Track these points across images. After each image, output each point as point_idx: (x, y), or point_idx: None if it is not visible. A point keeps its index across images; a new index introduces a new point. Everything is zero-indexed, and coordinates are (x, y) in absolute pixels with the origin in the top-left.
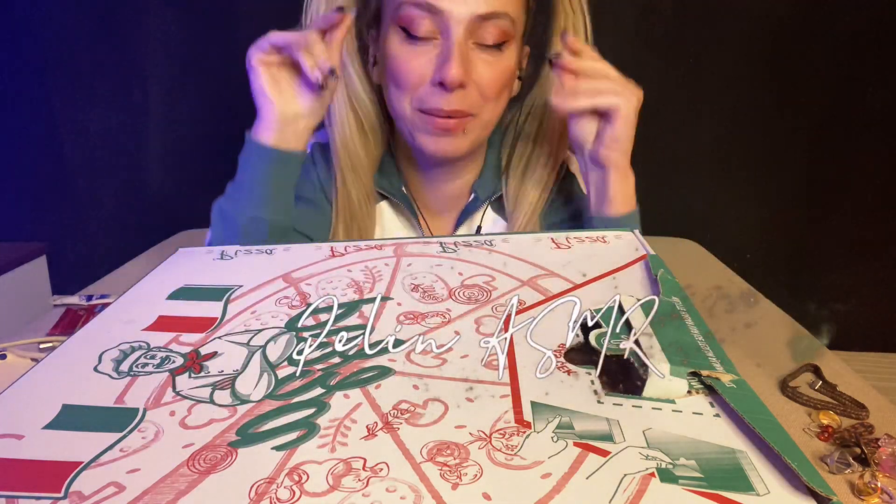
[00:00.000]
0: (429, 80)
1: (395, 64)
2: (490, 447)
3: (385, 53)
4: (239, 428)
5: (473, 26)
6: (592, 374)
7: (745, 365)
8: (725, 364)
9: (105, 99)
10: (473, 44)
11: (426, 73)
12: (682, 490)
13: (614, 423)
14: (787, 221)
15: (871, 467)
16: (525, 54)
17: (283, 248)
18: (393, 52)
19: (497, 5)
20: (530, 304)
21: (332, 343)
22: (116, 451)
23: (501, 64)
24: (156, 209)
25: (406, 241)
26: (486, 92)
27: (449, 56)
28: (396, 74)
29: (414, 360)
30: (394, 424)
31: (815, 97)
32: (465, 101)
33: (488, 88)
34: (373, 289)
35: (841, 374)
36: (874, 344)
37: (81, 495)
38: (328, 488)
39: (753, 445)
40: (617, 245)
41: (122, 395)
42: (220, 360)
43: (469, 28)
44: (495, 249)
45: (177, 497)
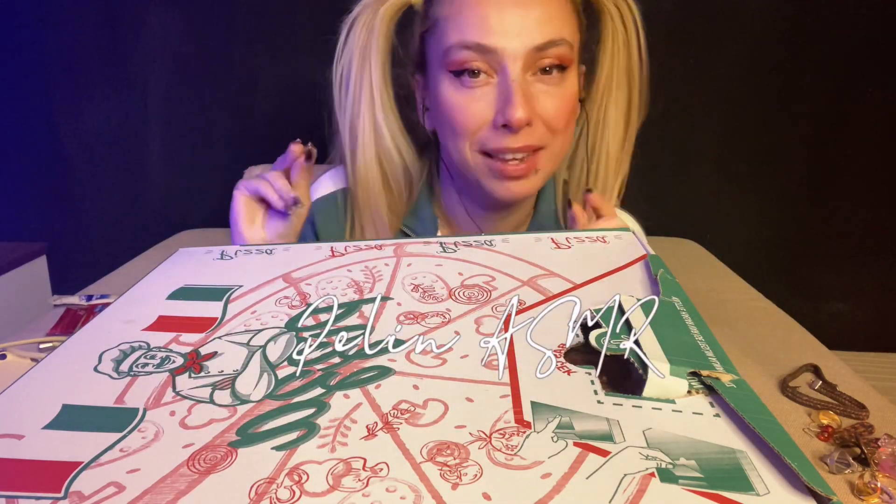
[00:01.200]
0: (490, 123)
1: (451, 112)
2: (490, 447)
3: (438, 101)
4: (239, 428)
5: (530, 59)
6: (592, 374)
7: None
8: (725, 364)
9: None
10: (532, 76)
11: (486, 116)
12: (682, 490)
13: (614, 423)
14: (787, 221)
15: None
16: (581, 73)
17: (283, 248)
18: (447, 98)
19: (552, 32)
20: (530, 304)
21: (332, 343)
22: (116, 451)
23: (564, 92)
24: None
25: (406, 242)
26: (554, 124)
27: (510, 96)
28: (454, 121)
29: (414, 360)
30: (394, 424)
31: (815, 97)
32: (533, 136)
33: (555, 120)
34: (373, 289)
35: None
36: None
37: (81, 495)
38: (328, 488)
39: (753, 445)
40: (617, 245)
41: (122, 395)
42: (220, 360)
43: (526, 62)
44: (495, 249)
45: (177, 497)
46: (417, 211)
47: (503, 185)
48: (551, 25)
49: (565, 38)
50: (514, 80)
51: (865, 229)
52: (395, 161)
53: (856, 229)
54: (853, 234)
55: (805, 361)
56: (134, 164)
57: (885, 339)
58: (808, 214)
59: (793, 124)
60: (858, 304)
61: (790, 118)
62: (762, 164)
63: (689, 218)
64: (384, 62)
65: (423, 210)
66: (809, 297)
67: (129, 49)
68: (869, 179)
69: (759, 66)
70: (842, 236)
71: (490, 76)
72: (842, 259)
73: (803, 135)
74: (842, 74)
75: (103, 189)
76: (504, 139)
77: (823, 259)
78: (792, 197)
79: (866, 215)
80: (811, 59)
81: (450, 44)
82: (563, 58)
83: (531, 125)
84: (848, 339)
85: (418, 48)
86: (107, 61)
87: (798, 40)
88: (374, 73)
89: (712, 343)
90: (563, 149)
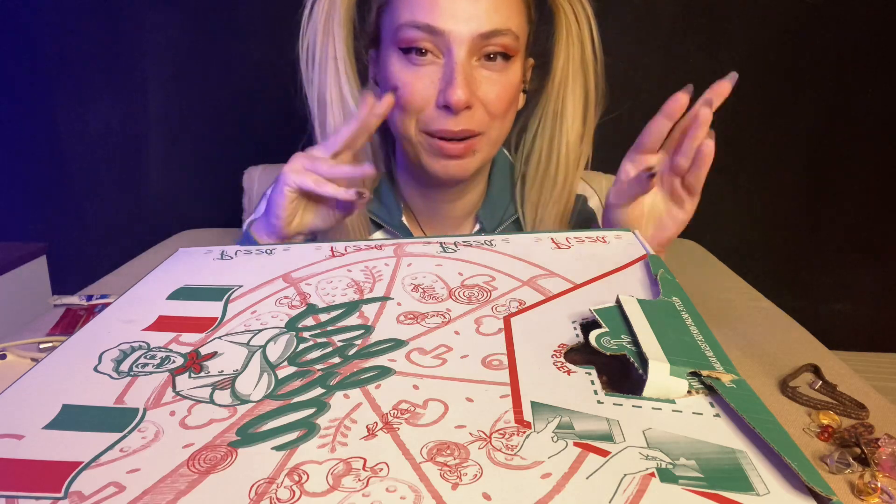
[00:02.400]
0: (433, 103)
1: (397, 87)
2: (490, 447)
3: (386, 76)
4: (239, 428)
5: (476, 45)
6: (592, 374)
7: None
8: (725, 364)
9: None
10: (476, 61)
11: (430, 95)
12: (682, 490)
13: (614, 423)
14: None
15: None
16: (529, 66)
17: (283, 248)
18: (395, 74)
19: (499, 22)
20: (530, 304)
21: (332, 343)
22: (116, 451)
23: (506, 80)
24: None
25: (406, 242)
26: (493, 110)
27: (452, 78)
28: (399, 97)
29: (414, 360)
30: (394, 424)
31: (814, 97)
32: (473, 120)
33: (494, 106)
34: (373, 289)
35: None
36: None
37: (81, 495)
38: (328, 488)
39: (753, 445)
40: (617, 245)
41: (122, 395)
42: (220, 360)
43: (471, 47)
44: (495, 249)
45: (177, 497)
46: (380, 196)
47: (441, 164)
48: (499, 15)
49: (511, 28)
50: (458, 63)
51: (865, 229)
52: None
53: (856, 229)
54: (853, 234)
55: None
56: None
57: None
58: (809, 214)
59: (793, 124)
60: (858, 304)
61: (790, 118)
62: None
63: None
64: (347, 36)
65: (386, 196)
66: (809, 297)
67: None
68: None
69: (759, 66)
70: (842, 236)
71: (436, 56)
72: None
73: (803, 135)
74: (842, 74)
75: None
76: (445, 121)
77: (823, 259)
78: (792, 197)
79: (866, 215)
80: (811, 59)
81: (401, 22)
82: (507, 47)
83: (471, 108)
84: (848, 339)
85: (374, 23)
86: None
87: (798, 40)
88: (337, 47)
89: (712, 343)
90: (500, 135)
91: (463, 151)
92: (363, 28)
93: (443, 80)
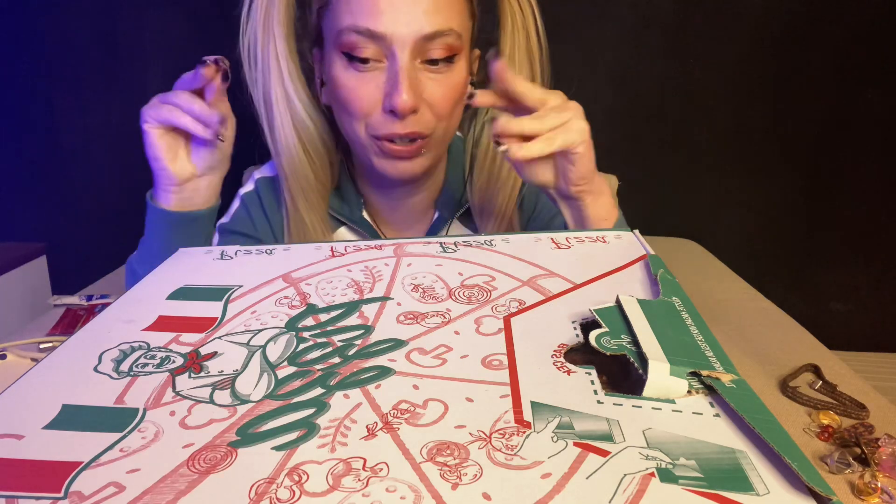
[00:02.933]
0: (380, 107)
1: (342, 92)
2: (490, 447)
3: (331, 79)
4: (239, 428)
5: (419, 47)
6: (592, 374)
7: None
8: (725, 364)
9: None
10: (421, 63)
11: (376, 100)
12: (682, 490)
13: (614, 423)
14: (787, 221)
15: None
16: (475, 58)
17: (283, 248)
18: (339, 79)
19: (440, 23)
20: (530, 304)
21: (332, 343)
22: (116, 451)
23: (452, 80)
24: None
25: (406, 242)
26: (440, 111)
27: (397, 82)
28: (346, 102)
29: (414, 360)
30: (394, 424)
31: (815, 97)
32: (420, 122)
33: (441, 107)
34: (373, 289)
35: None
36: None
37: (81, 495)
38: (328, 488)
39: (753, 445)
40: (617, 245)
41: (122, 395)
42: (220, 360)
43: (414, 49)
44: (495, 249)
45: (177, 497)
46: (341, 193)
47: (391, 164)
48: (440, 15)
49: (454, 28)
50: (402, 67)
51: (865, 229)
52: (310, 130)
53: (856, 229)
54: (853, 234)
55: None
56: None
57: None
58: (809, 214)
59: (793, 124)
60: (858, 304)
61: (790, 118)
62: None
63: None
64: (287, 34)
65: (346, 193)
66: (809, 297)
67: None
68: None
69: (759, 66)
70: (842, 236)
71: (379, 61)
72: (842, 259)
73: (803, 134)
74: (842, 74)
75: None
76: (392, 125)
77: (823, 259)
78: (792, 197)
79: (866, 215)
80: (811, 59)
81: (342, 26)
82: (451, 47)
83: (417, 111)
84: (848, 339)
85: (315, 24)
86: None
87: (798, 40)
88: (278, 45)
89: (712, 343)
90: (448, 132)
91: (412, 153)
92: (304, 28)
93: (388, 84)
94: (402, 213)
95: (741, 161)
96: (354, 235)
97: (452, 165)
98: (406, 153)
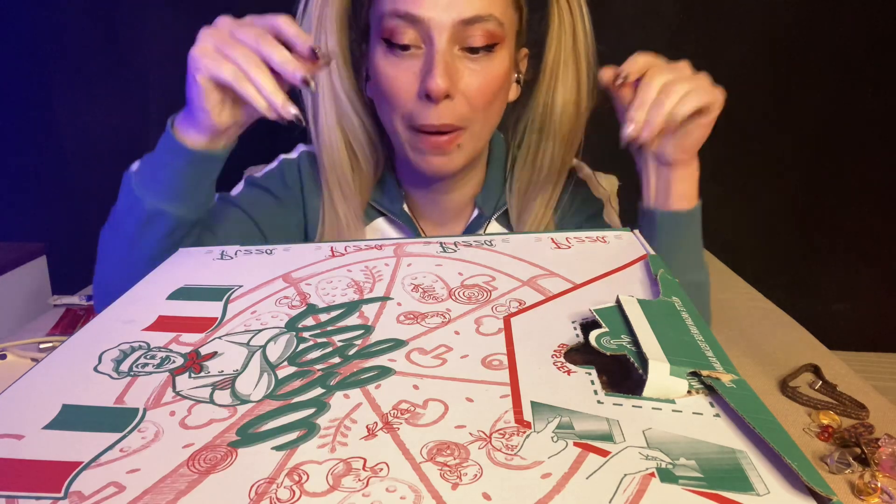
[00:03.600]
0: (416, 94)
1: (382, 80)
2: (490, 447)
3: (373, 68)
4: (239, 428)
5: (457, 32)
6: (592, 374)
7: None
8: (725, 364)
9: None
10: (460, 50)
11: (413, 87)
12: (682, 490)
13: (614, 423)
14: (787, 221)
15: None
16: (523, 56)
17: (283, 248)
18: (380, 67)
19: (481, 7)
20: (530, 304)
21: (332, 343)
22: (116, 451)
23: (490, 70)
24: None
25: (406, 242)
26: (475, 102)
27: (432, 66)
28: (384, 89)
29: (414, 360)
30: (394, 424)
31: (815, 97)
32: (454, 113)
33: (477, 98)
34: (373, 289)
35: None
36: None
37: (81, 495)
38: (328, 488)
39: (753, 445)
40: (617, 245)
41: (122, 395)
42: (220, 360)
43: (453, 35)
44: (495, 249)
45: (177, 497)
46: (383, 185)
47: (425, 159)
48: (481, 1)
49: (494, 14)
50: (438, 51)
51: (865, 229)
52: (354, 124)
53: (856, 229)
54: (853, 234)
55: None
56: None
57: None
58: (809, 214)
59: (793, 124)
60: (858, 304)
61: (791, 118)
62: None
63: None
64: (339, 30)
65: (389, 185)
66: (809, 297)
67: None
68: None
69: (759, 66)
70: (842, 236)
71: (419, 47)
72: (842, 259)
73: (803, 135)
74: (842, 75)
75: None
76: (427, 114)
77: (823, 259)
78: (792, 197)
79: (866, 215)
80: (812, 58)
81: (383, 11)
82: (491, 34)
83: (452, 98)
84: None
85: (365, 17)
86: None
87: (798, 41)
88: (329, 40)
89: (712, 343)
90: (485, 128)
91: (446, 146)
92: (356, 21)
93: (423, 70)
94: (440, 210)
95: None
96: (392, 227)
97: (494, 165)
98: (440, 146)
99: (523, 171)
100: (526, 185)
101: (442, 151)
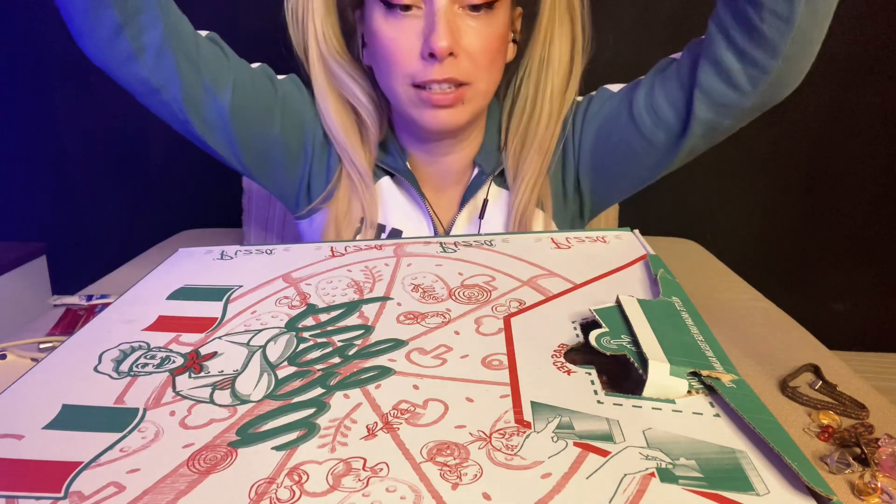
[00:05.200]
0: (418, 54)
1: (381, 41)
2: (490, 447)
3: (371, 33)
4: (239, 428)
5: None
6: (592, 374)
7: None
8: (725, 364)
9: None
10: (459, 8)
11: (414, 47)
12: (682, 490)
13: (614, 423)
14: (787, 222)
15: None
16: (517, 15)
17: (283, 248)
18: (379, 30)
19: None
20: (530, 304)
21: (332, 343)
22: (116, 451)
23: (491, 28)
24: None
25: (406, 242)
26: (478, 59)
27: (434, 24)
28: (384, 51)
29: (414, 360)
30: (394, 424)
31: (814, 97)
32: (458, 69)
33: (480, 55)
34: (373, 289)
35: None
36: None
37: (81, 495)
38: (328, 488)
39: (753, 445)
40: (617, 245)
41: (122, 395)
42: (220, 360)
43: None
44: (495, 249)
45: (177, 497)
46: (387, 146)
47: (431, 114)
48: None
49: None
50: (439, 9)
51: (865, 229)
52: (351, 88)
53: (856, 229)
54: (853, 234)
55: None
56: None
57: (885, 339)
58: (808, 214)
59: (793, 123)
60: (858, 304)
61: (790, 117)
62: (762, 163)
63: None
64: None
65: (391, 146)
66: (809, 297)
67: None
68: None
69: None
70: (842, 236)
71: (419, 7)
72: (842, 259)
73: (804, 134)
74: (842, 74)
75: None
76: (430, 70)
77: (823, 259)
78: (792, 196)
79: (866, 215)
80: None
81: None
82: None
83: (455, 56)
84: (848, 339)
85: None
86: None
87: None
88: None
89: (712, 343)
90: (489, 86)
91: (452, 101)
92: None
93: (425, 30)
94: (441, 172)
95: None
96: (397, 186)
97: (490, 125)
98: (446, 101)
99: (517, 131)
100: (520, 147)
101: (449, 104)
